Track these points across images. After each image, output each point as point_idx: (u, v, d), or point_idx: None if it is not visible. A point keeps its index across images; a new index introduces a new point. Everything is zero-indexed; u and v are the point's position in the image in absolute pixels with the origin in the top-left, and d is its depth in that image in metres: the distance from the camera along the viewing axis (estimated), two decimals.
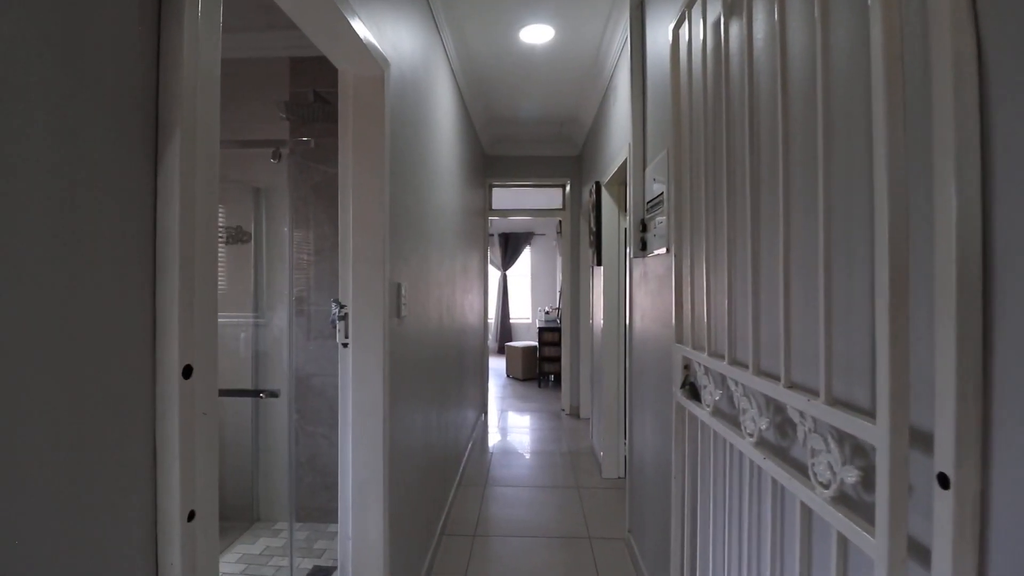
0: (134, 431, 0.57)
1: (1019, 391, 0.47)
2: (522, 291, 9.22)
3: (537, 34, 2.76)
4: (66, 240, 0.50)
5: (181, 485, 0.59)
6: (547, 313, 6.74)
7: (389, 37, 1.57)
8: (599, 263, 3.40)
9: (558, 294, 8.04)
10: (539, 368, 6.20)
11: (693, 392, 1.33)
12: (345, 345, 1.48)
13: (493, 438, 4.18)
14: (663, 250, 1.80)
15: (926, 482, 0.56)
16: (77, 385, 0.51)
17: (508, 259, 8.87)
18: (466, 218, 3.62)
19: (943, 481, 0.51)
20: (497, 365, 7.43)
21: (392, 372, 1.58)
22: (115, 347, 0.55)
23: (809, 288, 0.83)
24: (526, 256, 9.06)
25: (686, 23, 1.37)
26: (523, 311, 9.15)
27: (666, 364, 1.74)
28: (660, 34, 1.85)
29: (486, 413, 4.90)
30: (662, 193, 1.82)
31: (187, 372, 0.60)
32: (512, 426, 4.56)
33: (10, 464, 0.44)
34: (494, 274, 8.83)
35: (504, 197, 5.11)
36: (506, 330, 8.81)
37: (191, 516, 0.61)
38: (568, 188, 4.82)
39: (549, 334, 6.16)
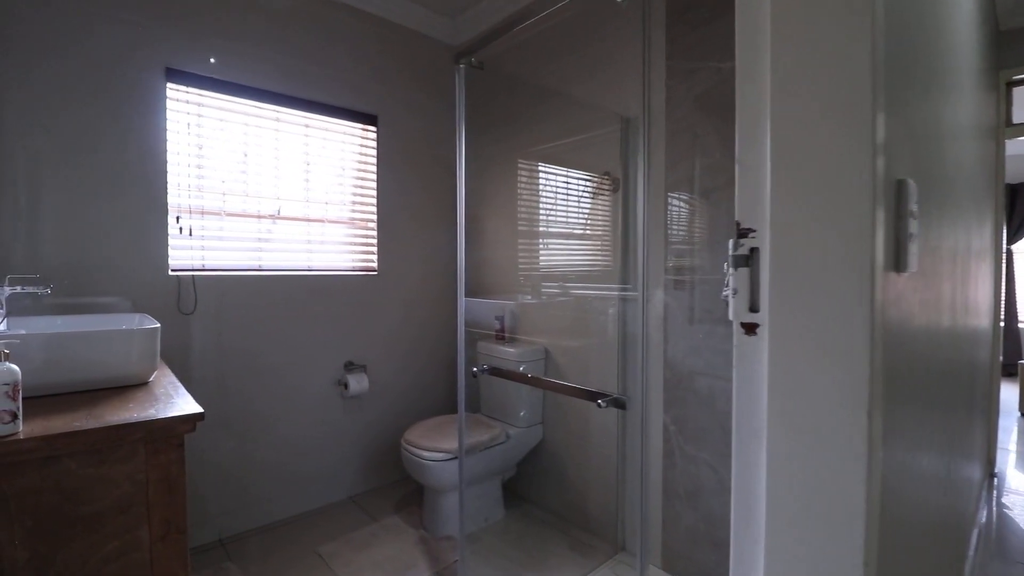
0: None
1: None
2: None
3: None
4: None
5: None
6: None
7: None
8: None
9: None
10: None
11: None
12: (750, 328, 0.60)
13: (1008, 524, 2.28)
14: None
15: None
16: None
17: (1017, 227, 5.52)
18: (972, 143, 1.94)
19: None
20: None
21: (888, 392, 0.58)
22: None
23: None
24: None
25: None
26: None
27: None
28: None
29: (993, 475, 2.88)
30: None
31: None
32: None
33: None
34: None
35: None
36: (1013, 340, 5.52)
37: None
38: None
39: None
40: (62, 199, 1.71)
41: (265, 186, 2.19)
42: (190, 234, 1.96)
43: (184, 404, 1.07)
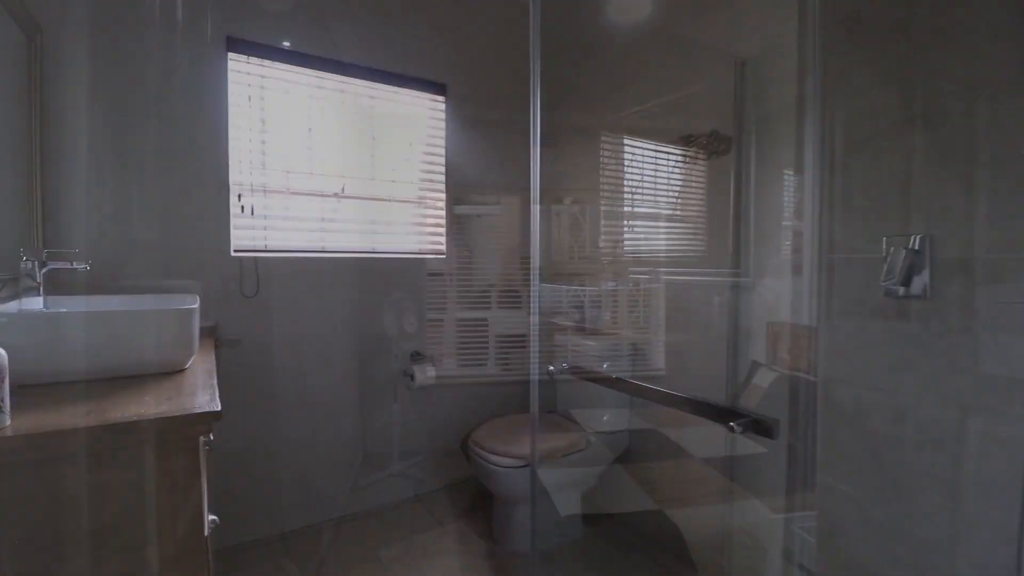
0: None
1: None
2: None
3: None
4: None
5: None
6: None
7: None
8: None
9: None
10: None
11: None
12: None
13: None
14: None
15: None
16: None
17: None
18: None
19: None
20: None
21: None
22: None
23: None
24: None
25: None
26: None
27: None
28: None
29: None
30: None
31: None
32: None
33: None
34: None
35: None
36: None
37: None
38: None
39: None
40: (127, 178, 1.66)
41: (329, 163, 2.06)
42: (251, 213, 1.87)
43: (205, 399, 0.90)
